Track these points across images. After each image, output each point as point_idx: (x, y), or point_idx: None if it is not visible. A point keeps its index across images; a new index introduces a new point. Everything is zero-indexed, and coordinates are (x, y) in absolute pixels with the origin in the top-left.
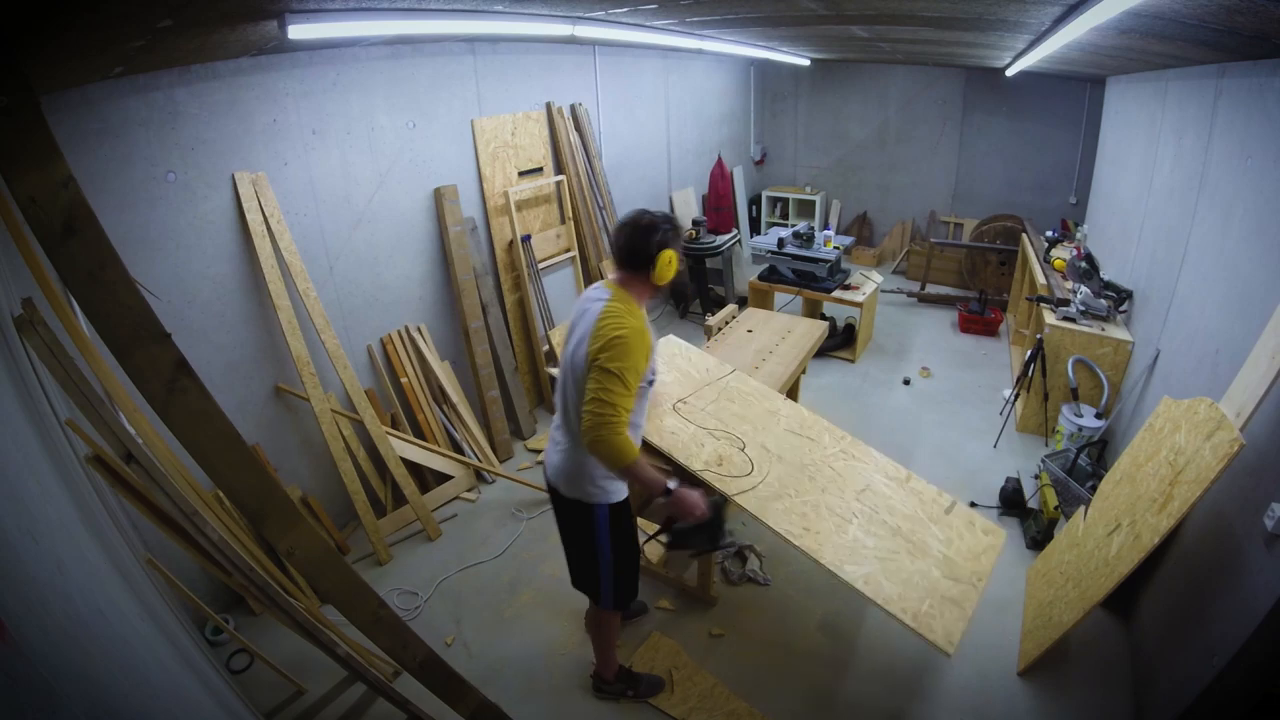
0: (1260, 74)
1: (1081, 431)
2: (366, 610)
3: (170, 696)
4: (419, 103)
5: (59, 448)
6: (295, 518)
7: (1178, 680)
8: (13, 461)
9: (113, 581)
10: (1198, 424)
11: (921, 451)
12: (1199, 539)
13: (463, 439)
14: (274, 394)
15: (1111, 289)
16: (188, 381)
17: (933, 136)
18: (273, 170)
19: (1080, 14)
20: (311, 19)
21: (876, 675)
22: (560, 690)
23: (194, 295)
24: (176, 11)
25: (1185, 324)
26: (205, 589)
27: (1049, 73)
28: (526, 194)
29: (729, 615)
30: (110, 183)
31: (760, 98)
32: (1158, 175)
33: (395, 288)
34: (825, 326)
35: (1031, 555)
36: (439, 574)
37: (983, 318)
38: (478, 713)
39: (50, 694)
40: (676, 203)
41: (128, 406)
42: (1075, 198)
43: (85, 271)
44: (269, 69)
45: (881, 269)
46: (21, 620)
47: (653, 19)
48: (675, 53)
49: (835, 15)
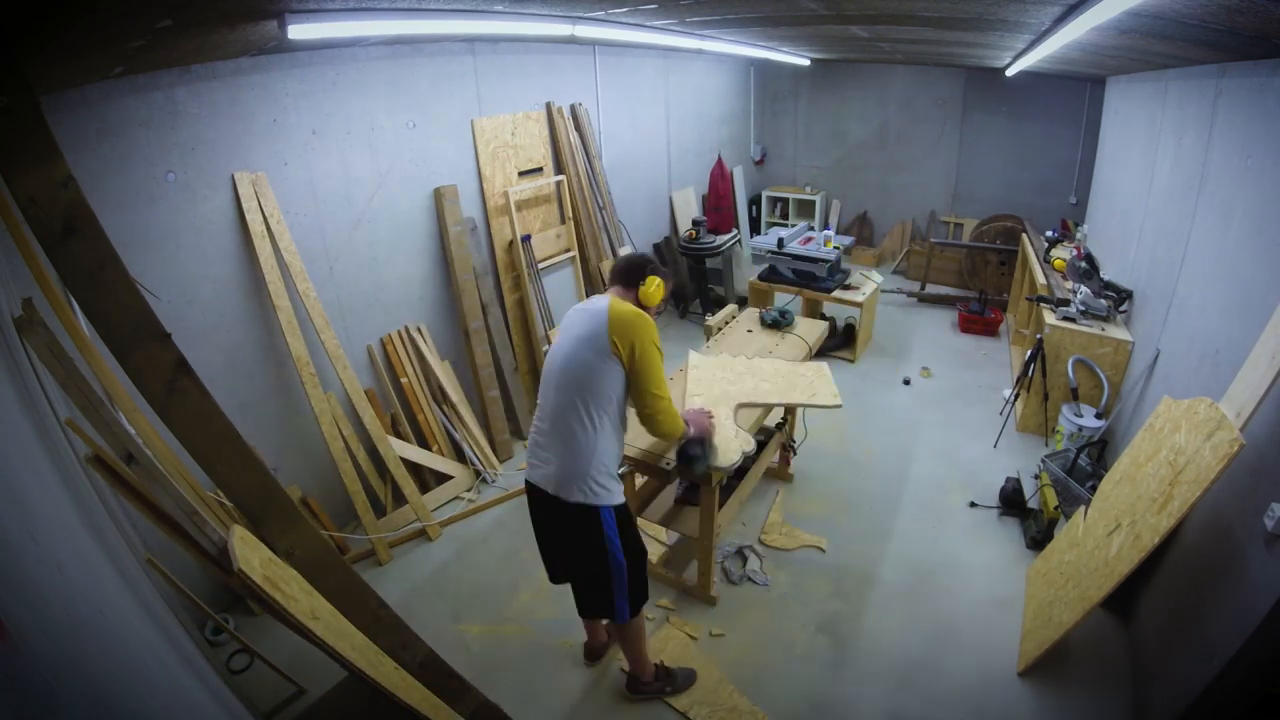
0: (1260, 74)
1: (1081, 431)
2: (366, 610)
3: (170, 696)
4: (419, 103)
5: (59, 448)
6: (295, 518)
7: (1178, 680)
8: (13, 461)
9: (113, 581)
10: (1198, 424)
11: (921, 451)
12: (1199, 539)
13: (463, 439)
14: (274, 394)
15: (1111, 289)
16: (188, 381)
17: (933, 136)
18: (273, 170)
19: (1080, 14)
20: (311, 19)
21: (876, 675)
22: (561, 690)
23: (194, 295)
24: (176, 11)
25: (1185, 324)
26: (205, 589)
27: (1049, 73)
28: (526, 194)
29: (729, 615)
30: (110, 183)
31: (760, 98)
32: (1158, 175)
33: (395, 288)
34: (825, 326)
35: (1031, 555)
36: (439, 574)
37: (983, 318)
38: (478, 713)
39: (50, 694)
40: (676, 203)
41: (128, 406)
42: (1075, 198)
43: (85, 271)
44: (269, 69)
45: (881, 269)
46: (21, 620)
47: (653, 19)
48: (675, 53)
49: (835, 15)
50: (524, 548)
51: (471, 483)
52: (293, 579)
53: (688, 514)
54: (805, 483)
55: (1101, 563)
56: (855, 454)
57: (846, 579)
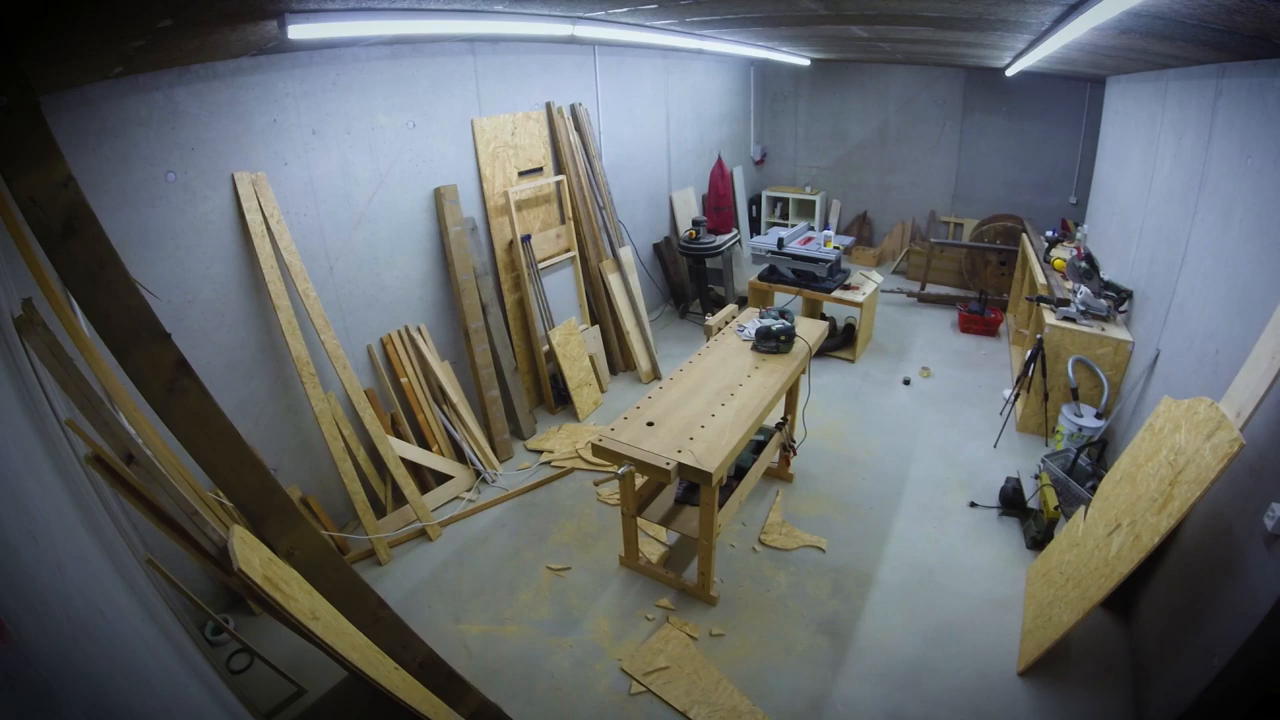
0: (1260, 74)
1: (1081, 431)
2: (366, 610)
3: (170, 696)
4: (419, 103)
5: (59, 448)
6: (295, 518)
7: (1178, 680)
8: (13, 461)
9: (113, 581)
10: (1198, 424)
11: (922, 451)
12: (1199, 539)
13: (463, 439)
14: (274, 394)
15: (1111, 289)
16: (188, 381)
17: (933, 136)
18: (272, 170)
19: (1080, 14)
20: (311, 19)
21: (876, 675)
22: (561, 690)
23: (194, 295)
24: (176, 11)
25: (1185, 324)
26: (205, 589)
27: (1049, 73)
28: (526, 194)
29: (729, 615)
30: (110, 183)
31: (760, 98)
32: (1158, 175)
33: (395, 288)
34: (825, 326)
35: (1031, 555)
36: (439, 574)
37: (983, 318)
38: (478, 713)
39: (50, 694)
40: (676, 203)
41: (128, 406)
42: (1075, 198)
43: (85, 271)
44: (269, 69)
45: (881, 269)
46: (21, 620)
47: (653, 19)
48: (675, 53)
49: (835, 15)
50: (524, 548)
51: (471, 483)
52: (293, 579)
53: (688, 514)
54: (805, 483)
55: (1101, 563)
56: (855, 454)
57: (846, 579)
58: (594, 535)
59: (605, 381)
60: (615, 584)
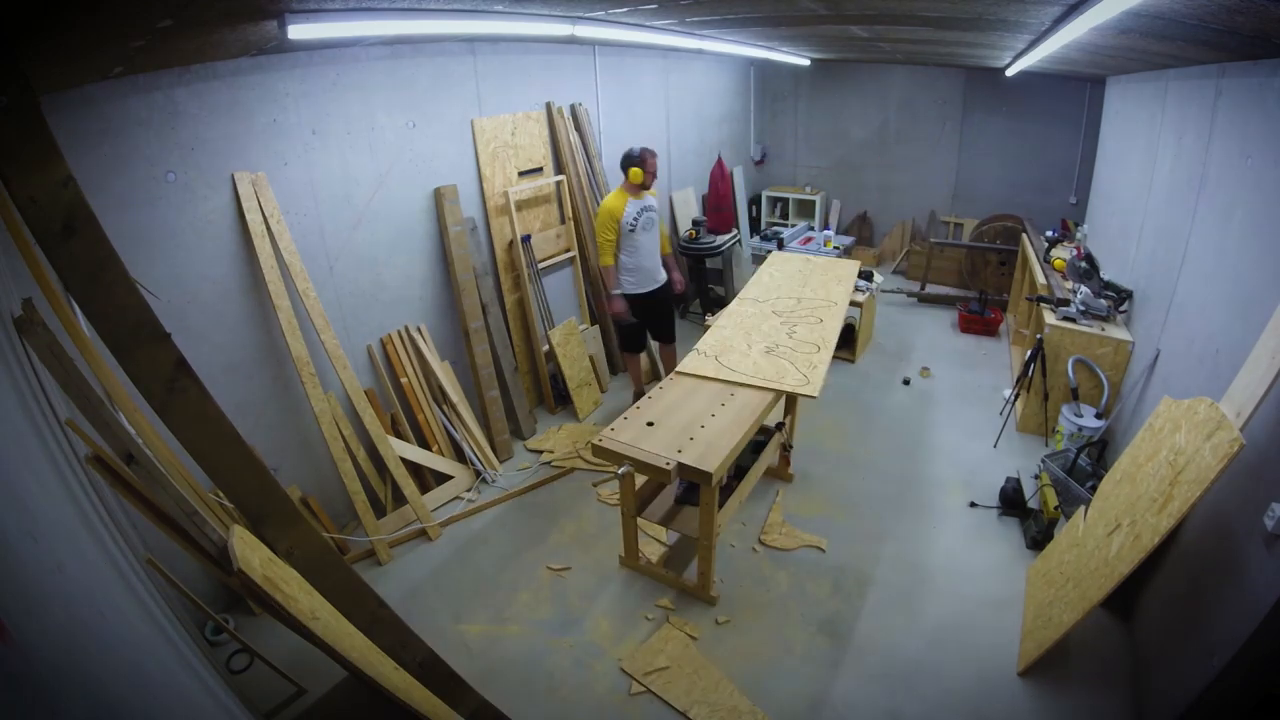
0: (1260, 74)
1: (1081, 431)
2: (366, 610)
3: (170, 696)
4: (419, 103)
5: (59, 448)
6: (295, 518)
7: (1178, 680)
8: (13, 461)
9: (112, 582)
10: (1198, 424)
11: (922, 451)
12: (1199, 539)
13: (463, 439)
14: (274, 394)
15: (1111, 289)
16: (188, 381)
17: (933, 136)
18: (272, 170)
19: (1080, 14)
20: (311, 19)
21: (876, 675)
22: (561, 690)
23: (194, 295)
24: (176, 11)
25: (1185, 324)
26: (205, 589)
27: (1049, 73)
28: (526, 194)
29: (729, 615)
30: (110, 183)
31: (760, 98)
32: (1158, 175)
33: (395, 288)
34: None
35: (1031, 555)
36: (439, 574)
37: (983, 318)
38: (478, 713)
39: (50, 694)
40: (676, 203)
41: (128, 406)
42: (1075, 198)
43: (85, 271)
44: (269, 69)
45: (881, 269)
46: (21, 620)
47: (653, 19)
48: (675, 53)
49: (835, 15)
50: (524, 548)
51: (471, 483)
52: (293, 579)
53: (688, 514)
54: (805, 483)
55: (1101, 563)
56: (855, 454)
57: (846, 579)
58: (594, 535)
59: (605, 381)
60: (615, 584)
